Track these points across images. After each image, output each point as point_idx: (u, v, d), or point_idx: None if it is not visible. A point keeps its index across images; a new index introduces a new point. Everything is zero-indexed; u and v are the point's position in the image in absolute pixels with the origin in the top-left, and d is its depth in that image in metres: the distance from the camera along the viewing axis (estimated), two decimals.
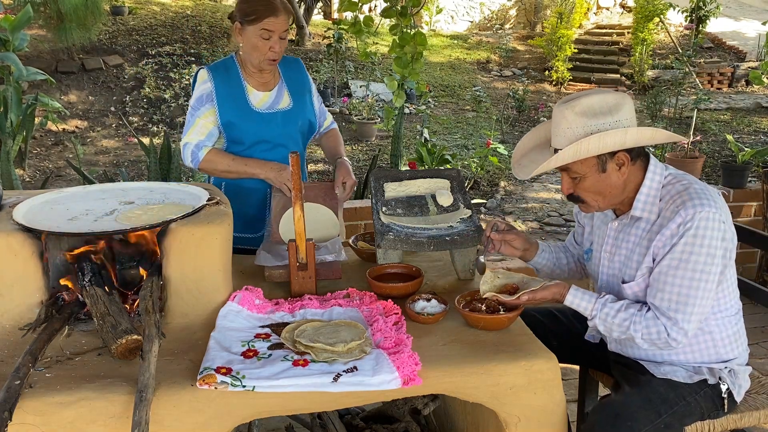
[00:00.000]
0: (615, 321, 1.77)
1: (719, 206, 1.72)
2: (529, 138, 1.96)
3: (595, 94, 1.73)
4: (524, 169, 1.88)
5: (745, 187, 4.30)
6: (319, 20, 13.69)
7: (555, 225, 5.71)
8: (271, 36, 2.28)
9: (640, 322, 1.75)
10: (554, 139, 1.78)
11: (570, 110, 1.71)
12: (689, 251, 1.69)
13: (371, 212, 2.27)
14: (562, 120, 1.73)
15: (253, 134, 2.40)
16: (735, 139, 5.36)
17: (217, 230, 1.88)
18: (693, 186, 1.76)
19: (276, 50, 2.31)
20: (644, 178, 1.79)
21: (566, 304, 1.83)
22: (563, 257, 2.16)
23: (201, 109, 2.37)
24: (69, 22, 8.36)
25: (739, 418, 1.88)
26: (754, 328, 3.59)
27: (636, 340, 1.76)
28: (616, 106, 1.71)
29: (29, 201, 2.00)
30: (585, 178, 1.77)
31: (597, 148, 1.69)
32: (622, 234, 1.87)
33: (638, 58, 11.96)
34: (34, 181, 6.76)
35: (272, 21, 2.26)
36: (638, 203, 1.79)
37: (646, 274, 1.79)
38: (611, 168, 1.75)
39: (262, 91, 2.43)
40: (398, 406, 2.26)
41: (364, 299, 1.97)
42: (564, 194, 1.85)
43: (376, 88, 9.82)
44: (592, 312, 1.80)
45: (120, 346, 1.61)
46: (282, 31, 2.29)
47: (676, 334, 1.72)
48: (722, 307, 1.82)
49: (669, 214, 1.73)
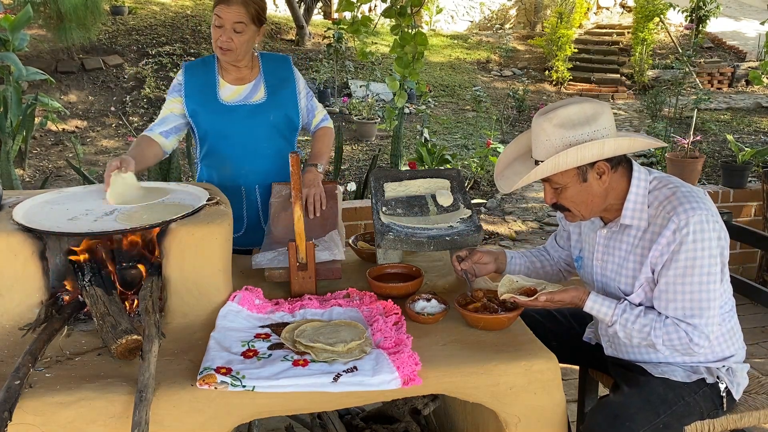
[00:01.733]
0: (635, 327, 1.77)
1: (708, 206, 1.72)
2: (511, 149, 1.96)
3: (573, 105, 1.73)
4: (507, 181, 1.88)
5: (745, 187, 4.30)
6: (319, 20, 13.68)
7: (555, 225, 5.70)
8: (222, 24, 2.29)
9: (661, 329, 1.74)
10: (534, 151, 1.79)
11: (548, 122, 1.72)
12: (693, 257, 1.69)
13: (371, 212, 2.27)
14: (540, 132, 1.75)
15: (214, 124, 2.41)
16: (735, 139, 5.36)
17: (217, 230, 1.89)
18: (680, 189, 1.75)
19: (224, 40, 2.30)
20: (629, 185, 1.79)
21: (586, 309, 1.82)
22: (538, 262, 2.15)
23: (168, 99, 2.44)
24: (69, 22, 8.36)
25: (738, 418, 1.88)
26: (754, 328, 3.59)
27: (657, 346, 1.76)
28: (594, 116, 1.71)
29: (29, 201, 2.00)
30: (566, 188, 1.77)
31: (575, 160, 1.70)
32: (612, 242, 1.87)
33: (638, 58, 11.96)
34: (34, 181, 6.77)
35: (223, 8, 2.27)
36: (627, 211, 1.79)
37: (645, 284, 1.79)
38: (592, 177, 1.75)
39: (235, 85, 2.44)
40: (398, 406, 2.26)
41: (364, 299, 1.97)
42: (547, 204, 1.86)
43: (376, 88, 9.82)
44: (612, 318, 1.80)
45: (120, 346, 1.61)
46: (233, 22, 2.28)
47: (698, 339, 1.72)
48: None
49: (661, 221, 1.73)
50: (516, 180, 1.82)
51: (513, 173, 1.89)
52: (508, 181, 1.86)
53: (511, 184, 1.83)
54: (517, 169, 1.88)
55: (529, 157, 1.87)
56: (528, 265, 2.13)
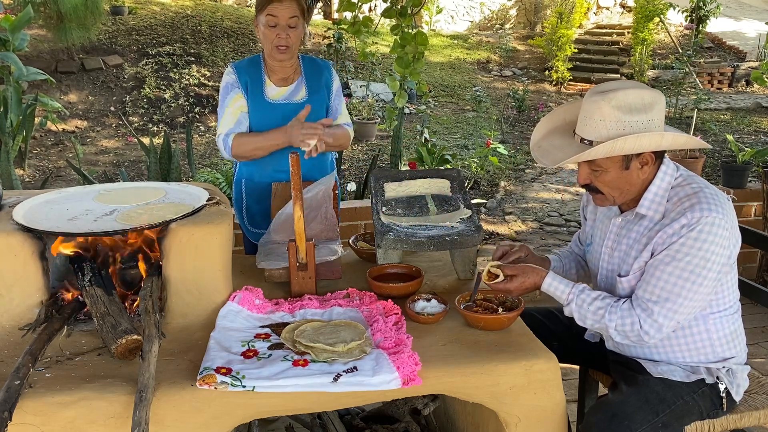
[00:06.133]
0: (590, 308, 1.78)
1: (726, 212, 1.70)
2: (548, 120, 1.91)
3: (632, 89, 1.69)
4: (547, 155, 1.82)
5: (745, 187, 4.30)
6: (319, 20, 13.68)
7: (555, 225, 5.71)
8: (277, 23, 2.32)
9: (615, 312, 1.75)
10: (583, 128, 1.73)
11: (606, 102, 1.68)
12: (685, 251, 1.68)
13: (371, 212, 2.27)
14: (595, 110, 1.69)
15: (260, 121, 2.45)
16: (735, 139, 5.36)
17: (217, 230, 1.88)
18: (704, 190, 1.73)
19: (283, 38, 2.34)
20: (655, 176, 1.78)
21: (543, 288, 1.84)
22: (572, 266, 2.14)
23: (227, 97, 2.44)
24: (69, 22, 8.37)
25: (739, 418, 1.88)
26: (754, 328, 3.59)
27: (609, 330, 1.76)
28: (651, 105, 1.68)
29: (29, 201, 2.00)
30: (607, 172, 1.75)
31: (632, 148, 1.67)
32: (624, 230, 1.87)
33: (638, 58, 11.96)
34: (34, 181, 6.76)
35: (276, 7, 2.30)
36: (645, 200, 1.78)
37: (643, 267, 1.78)
38: (634, 166, 1.74)
39: (280, 86, 2.49)
40: (398, 406, 2.26)
41: (364, 299, 1.97)
42: (580, 183, 1.83)
43: (376, 88, 9.82)
44: (569, 296, 1.81)
45: (120, 346, 1.61)
46: (288, 17, 2.32)
47: (648, 327, 1.72)
48: (720, 306, 1.82)
49: (675, 215, 1.72)
50: (560, 156, 1.77)
51: (553, 147, 1.83)
52: (551, 156, 1.81)
53: (555, 159, 1.78)
54: (557, 143, 1.83)
55: (569, 132, 1.82)
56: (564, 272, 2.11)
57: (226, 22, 11.27)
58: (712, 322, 1.82)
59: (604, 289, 1.94)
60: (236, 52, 10.50)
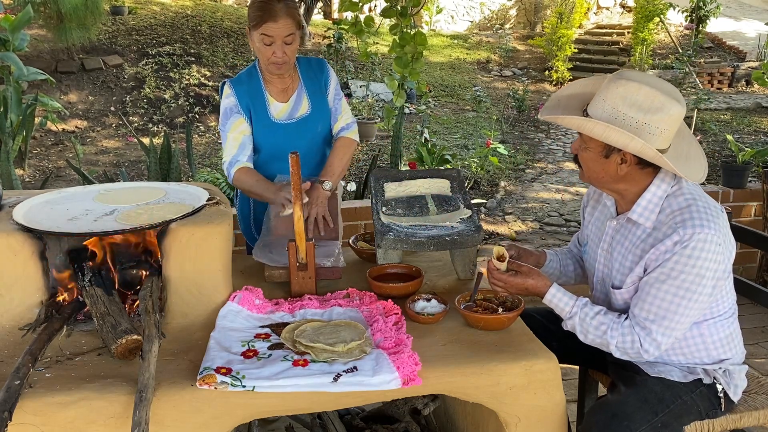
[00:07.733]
0: (593, 323, 1.78)
1: (719, 227, 1.69)
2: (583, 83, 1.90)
3: (650, 87, 1.65)
4: (553, 109, 1.85)
5: (745, 187, 4.30)
6: (319, 20, 13.69)
7: (555, 225, 5.71)
8: (272, 42, 2.26)
9: (617, 329, 1.75)
10: (593, 101, 1.75)
11: (616, 86, 1.67)
12: (679, 269, 1.67)
13: (371, 212, 2.27)
14: (605, 89, 1.70)
15: (266, 141, 2.42)
16: (735, 139, 5.36)
17: (217, 230, 1.88)
18: (696, 203, 1.72)
19: (279, 55, 2.29)
20: (650, 184, 1.77)
21: (545, 300, 1.84)
22: (570, 264, 2.16)
23: (228, 123, 2.40)
24: (69, 22, 8.36)
25: (738, 418, 1.88)
26: (754, 328, 3.59)
27: (610, 347, 1.77)
28: (657, 109, 1.65)
29: (29, 201, 2.00)
30: (588, 151, 1.77)
31: (600, 135, 1.68)
32: (619, 235, 1.87)
33: (638, 58, 11.97)
34: (34, 181, 6.76)
35: (271, 26, 2.24)
36: (638, 207, 1.78)
37: (637, 282, 1.79)
38: (613, 158, 1.74)
39: (281, 101, 2.44)
40: (398, 406, 2.26)
41: (364, 299, 1.97)
42: (572, 152, 1.86)
43: (376, 88, 9.82)
44: (572, 309, 1.81)
45: (120, 346, 1.61)
46: (284, 36, 2.26)
47: (648, 345, 1.72)
48: (715, 313, 1.82)
49: (667, 229, 1.71)
50: (557, 112, 1.81)
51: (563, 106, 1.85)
52: (552, 111, 1.84)
53: (551, 112, 1.82)
54: (571, 104, 1.85)
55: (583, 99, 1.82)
56: (561, 268, 2.13)
57: (226, 22, 11.27)
58: (707, 327, 1.82)
59: (599, 290, 1.96)
60: (236, 52, 10.50)
